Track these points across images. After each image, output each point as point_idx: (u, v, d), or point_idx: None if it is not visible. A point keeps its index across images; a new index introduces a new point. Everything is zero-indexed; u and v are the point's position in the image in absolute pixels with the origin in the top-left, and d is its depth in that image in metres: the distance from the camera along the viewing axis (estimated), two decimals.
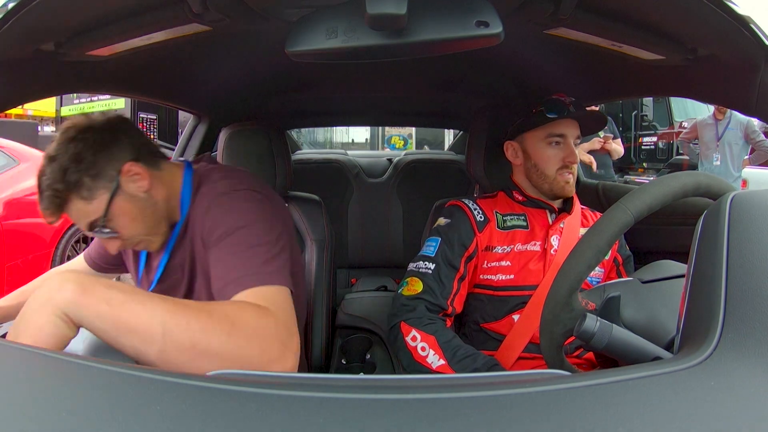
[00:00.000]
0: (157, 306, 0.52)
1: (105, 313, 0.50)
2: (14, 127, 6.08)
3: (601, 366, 0.66)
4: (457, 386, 0.39)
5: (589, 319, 0.55)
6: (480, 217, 1.07)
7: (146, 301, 0.52)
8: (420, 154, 2.39)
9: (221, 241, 0.71)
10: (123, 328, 0.50)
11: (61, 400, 0.33)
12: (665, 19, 0.71)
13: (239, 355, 0.54)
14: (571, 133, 1.06)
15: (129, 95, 1.32)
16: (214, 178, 0.82)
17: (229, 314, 0.56)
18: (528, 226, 1.07)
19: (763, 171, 4.38)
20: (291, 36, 0.68)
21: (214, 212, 0.75)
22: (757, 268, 0.39)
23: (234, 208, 0.75)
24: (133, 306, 0.51)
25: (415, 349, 0.94)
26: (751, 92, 0.70)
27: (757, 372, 0.34)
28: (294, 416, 0.31)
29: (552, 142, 1.06)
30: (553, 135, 1.05)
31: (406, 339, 0.95)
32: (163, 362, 0.51)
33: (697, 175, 0.58)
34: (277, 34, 0.73)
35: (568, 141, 1.05)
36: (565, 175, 1.05)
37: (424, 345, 0.94)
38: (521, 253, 1.05)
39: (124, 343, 0.51)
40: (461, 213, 1.08)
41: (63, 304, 0.49)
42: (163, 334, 0.51)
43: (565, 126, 1.05)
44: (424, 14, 0.63)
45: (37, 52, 0.73)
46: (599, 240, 0.57)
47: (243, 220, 0.72)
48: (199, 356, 0.52)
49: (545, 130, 1.06)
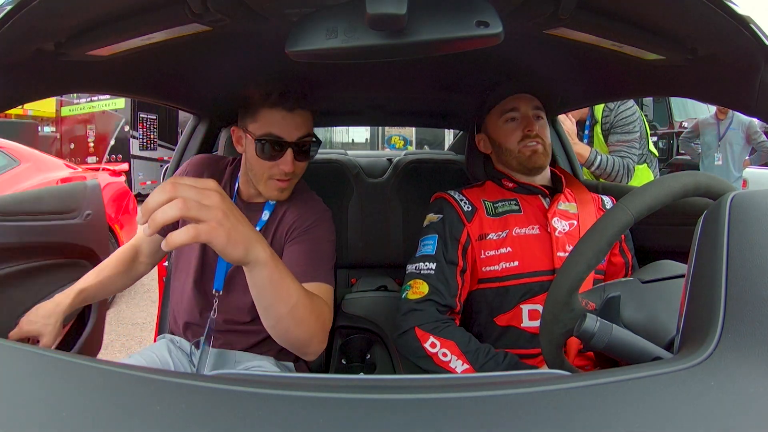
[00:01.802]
0: (297, 285, 0.74)
1: (274, 275, 0.68)
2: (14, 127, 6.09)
3: (601, 366, 0.67)
4: (457, 386, 0.39)
5: (589, 319, 0.55)
6: (467, 207, 1.07)
7: (293, 280, 0.73)
8: (420, 154, 2.39)
9: (304, 234, 0.98)
10: (276, 289, 0.69)
11: (61, 400, 0.33)
12: (665, 19, 0.71)
13: (311, 330, 0.78)
14: (524, 105, 1.08)
15: (129, 95, 1.32)
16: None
17: (317, 304, 0.81)
18: (521, 210, 1.07)
19: (763, 171, 4.38)
20: (291, 36, 0.68)
21: (300, 207, 1.02)
22: (757, 268, 0.39)
23: (316, 208, 1.04)
24: (288, 279, 0.71)
25: (436, 355, 0.94)
26: (751, 92, 0.70)
27: (757, 372, 0.34)
28: (294, 416, 0.31)
29: (508, 119, 1.09)
30: (507, 111, 1.08)
31: (425, 346, 0.95)
32: (282, 318, 0.73)
33: (697, 175, 0.58)
34: (277, 34, 0.73)
35: (524, 113, 1.07)
36: (528, 144, 1.06)
37: (445, 351, 0.94)
38: (520, 237, 1.03)
39: (268, 297, 0.70)
40: (448, 205, 1.09)
41: (256, 256, 0.64)
42: (294, 303, 0.72)
43: (516, 100, 1.08)
44: (424, 14, 0.63)
45: (37, 52, 0.73)
46: (599, 240, 0.57)
47: (321, 221, 1.01)
48: (298, 322, 0.75)
49: (498, 109, 1.10)
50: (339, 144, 9.80)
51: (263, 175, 0.98)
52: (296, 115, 0.95)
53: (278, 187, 0.99)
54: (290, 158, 0.95)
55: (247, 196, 1.07)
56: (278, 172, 0.97)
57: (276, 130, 0.94)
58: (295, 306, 0.73)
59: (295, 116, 0.95)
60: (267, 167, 0.97)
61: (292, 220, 1.01)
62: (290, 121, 0.94)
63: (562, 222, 1.05)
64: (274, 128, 0.94)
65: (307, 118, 0.98)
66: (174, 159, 1.54)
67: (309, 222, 1.00)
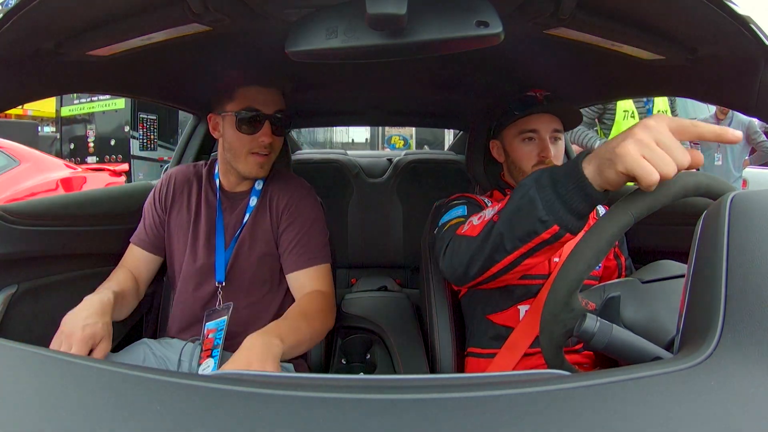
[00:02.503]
0: (302, 325, 0.92)
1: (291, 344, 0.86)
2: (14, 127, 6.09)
3: (601, 366, 0.67)
4: (457, 386, 0.39)
5: (589, 319, 0.54)
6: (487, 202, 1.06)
7: (299, 327, 0.91)
8: (420, 154, 2.39)
9: (295, 216, 1.07)
10: (298, 345, 0.89)
11: (61, 400, 0.33)
12: (665, 19, 0.71)
13: (317, 333, 0.97)
14: (544, 127, 1.04)
15: (129, 95, 1.32)
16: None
17: (308, 311, 0.97)
18: None
19: (763, 171, 4.38)
20: (291, 36, 0.68)
21: (284, 188, 1.09)
22: (757, 268, 0.39)
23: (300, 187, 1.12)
24: (295, 332, 0.89)
25: (471, 224, 0.82)
26: (751, 92, 0.70)
27: (757, 372, 0.34)
28: (294, 416, 0.31)
29: (525, 138, 1.05)
30: (526, 131, 1.05)
31: (462, 231, 0.83)
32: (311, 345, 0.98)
33: (697, 175, 0.58)
34: (277, 34, 0.73)
35: (542, 136, 1.04)
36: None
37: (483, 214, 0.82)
38: None
39: (300, 350, 0.91)
40: (472, 199, 1.06)
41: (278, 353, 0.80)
42: (310, 338, 0.94)
43: (537, 121, 1.04)
44: (424, 14, 0.63)
45: (37, 51, 0.73)
46: (599, 240, 0.57)
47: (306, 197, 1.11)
48: (313, 341, 0.97)
49: (518, 126, 1.06)
50: (339, 144, 9.79)
51: (243, 151, 1.04)
52: (271, 91, 1.05)
53: (258, 162, 1.05)
54: (268, 130, 1.03)
55: (229, 187, 1.11)
56: (257, 145, 1.03)
57: (253, 104, 1.02)
58: (311, 340, 0.95)
59: (271, 91, 1.05)
60: (247, 141, 1.03)
61: (281, 203, 1.09)
62: (266, 96, 1.04)
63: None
64: (252, 102, 1.02)
65: (280, 95, 1.07)
66: (174, 159, 1.54)
67: (296, 202, 1.09)
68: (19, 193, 2.97)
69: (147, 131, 5.80)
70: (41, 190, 3.21)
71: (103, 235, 1.14)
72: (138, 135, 5.73)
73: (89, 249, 1.12)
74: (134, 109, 5.67)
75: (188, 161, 1.51)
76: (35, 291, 1.00)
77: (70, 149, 5.98)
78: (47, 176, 3.30)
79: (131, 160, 5.63)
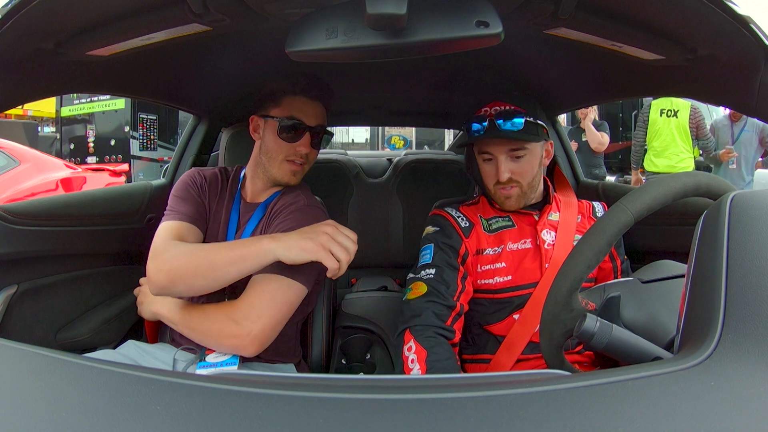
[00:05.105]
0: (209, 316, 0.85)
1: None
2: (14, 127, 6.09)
3: (601, 366, 0.66)
4: (458, 386, 0.39)
5: (589, 319, 0.54)
6: (464, 222, 1.07)
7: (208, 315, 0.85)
8: (420, 154, 2.39)
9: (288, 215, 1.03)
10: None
11: (61, 400, 0.33)
12: (665, 19, 0.71)
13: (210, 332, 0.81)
14: (497, 149, 1.00)
15: (129, 95, 1.32)
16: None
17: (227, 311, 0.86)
18: (515, 224, 1.06)
19: (764, 171, 4.38)
20: (291, 36, 0.68)
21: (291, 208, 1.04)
22: (757, 268, 0.39)
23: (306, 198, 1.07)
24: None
25: (407, 360, 0.92)
26: (751, 92, 0.70)
27: (757, 372, 0.34)
28: (294, 416, 0.31)
29: (484, 159, 1.03)
30: (483, 152, 1.03)
31: (404, 348, 0.94)
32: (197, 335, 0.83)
33: (697, 175, 0.58)
34: (277, 34, 0.73)
35: (497, 158, 1.00)
36: (501, 191, 1.02)
37: (414, 358, 0.92)
38: (514, 252, 1.04)
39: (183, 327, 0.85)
40: (445, 221, 1.08)
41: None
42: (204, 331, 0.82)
43: (488, 144, 1.01)
44: (424, 14, 0.63)
45: (37, 51, 0.73)
46: (599, 240, 0.57)
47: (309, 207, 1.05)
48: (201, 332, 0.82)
49: (477, 146, 1.04)
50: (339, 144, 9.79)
51: (279, 157, 1.05)
52: (316, 104, 1.06)
53: (291, 170, 1.06)
54: (308, 141, 1.05)
55: (251, 195, 1.10)
56: (294, 153, 1.04)
57: (298, 114, 1.04)
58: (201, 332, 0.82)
59: (315, 105, 1.06)
60: (285, 148, 1.04)
61: (276, 209, 1.07)
62: (311, 109, 1.05)
63: (551, 233, 1.05)
64: (296, 112, 1.04)
65: (324, 111, 1.09)
66: (174, 159, 1.54)
67: (288, 208, 1.04)
68: (19, 194, 2.97)
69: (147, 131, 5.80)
70: (41, 190, 3.21)
71: (103, 235, 1.14)
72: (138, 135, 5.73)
73: (89, 249, 1.12)
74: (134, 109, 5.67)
75: (188, 161, 1.51)
76: (35, 291, 1.00)
77: (70, 149, 5.98)
78: (47, 176, 3.30)
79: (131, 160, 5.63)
